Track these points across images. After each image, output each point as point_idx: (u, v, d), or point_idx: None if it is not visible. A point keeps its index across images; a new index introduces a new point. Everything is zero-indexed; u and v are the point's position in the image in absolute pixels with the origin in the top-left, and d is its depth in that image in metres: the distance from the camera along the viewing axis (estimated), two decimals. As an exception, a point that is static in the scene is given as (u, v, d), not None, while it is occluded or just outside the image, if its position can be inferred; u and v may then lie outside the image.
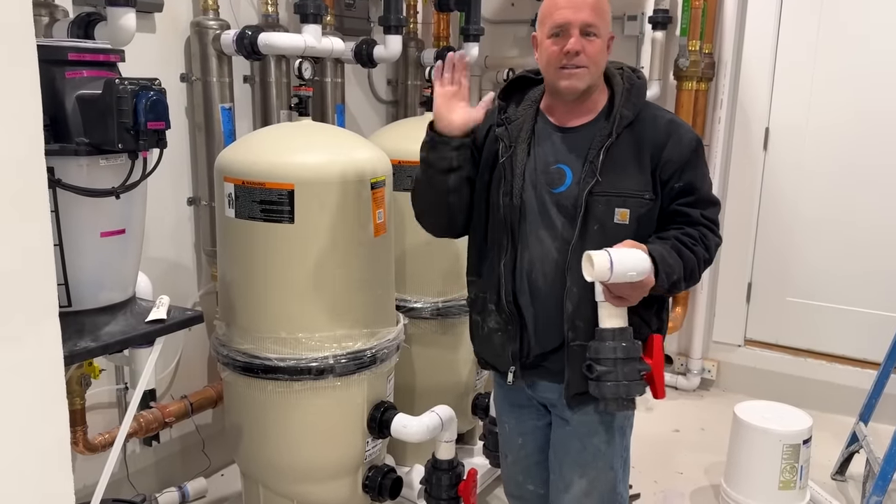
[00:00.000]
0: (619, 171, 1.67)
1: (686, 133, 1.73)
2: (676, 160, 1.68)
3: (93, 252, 1.71)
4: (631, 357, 1.61)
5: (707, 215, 1.72)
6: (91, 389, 2.11)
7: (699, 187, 1.71)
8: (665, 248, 1.64)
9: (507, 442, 2.01)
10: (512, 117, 1.80)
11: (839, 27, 3.48)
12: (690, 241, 1.68)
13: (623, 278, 1.57)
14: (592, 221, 1.67)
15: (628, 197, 1.67)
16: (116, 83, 1.60)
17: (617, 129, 1.68)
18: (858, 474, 2.93)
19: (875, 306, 3.50)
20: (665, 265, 1.61)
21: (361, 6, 3.20)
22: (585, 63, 1.66)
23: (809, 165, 3.61)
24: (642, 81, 1.78)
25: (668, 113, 1.79)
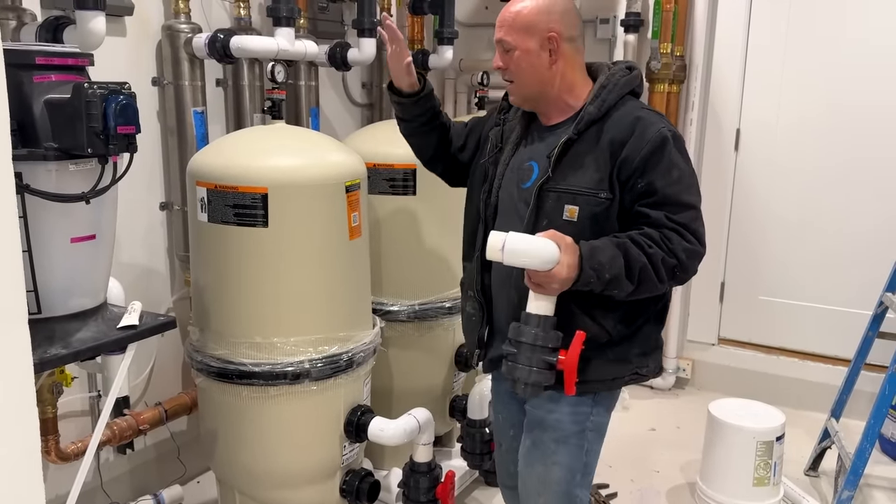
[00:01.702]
0: (575, 168, 1.67)
1: (651, 129, 1.64)
2: (635, 158, 1.62)
3: (63, 258, 1.68)
4: (544, 346, 1.61)
5: (675, 218, 1.62)
6: (63, 397, 2.08)
7: (660, 188, 1.62)
8: (604, 243, 1.60)
9: (500, 431, 2.04)
10: (510, 118, 1.88)
11: (808, 28, 3.54)
12: (646, 241, 1.60)
13: (516, 262, 1.58)
14: (543, 217, 1.69)
15: (579, 194, 1.66)
16: (85, 87, 1.58)
17: (578, 127, 1.68)
18: (831, 470, 2.98)
19: (845, 304, 3.56)
20: (593, 260, 1.57)
21: (335, 9, 3.19)
22: (510, 77, 1.75)
23: (780, 165, 3.66)
24: (627, 78, 1.74)
25: (645, 110, 1.71)
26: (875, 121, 3.44)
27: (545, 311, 1.63)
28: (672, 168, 1.64)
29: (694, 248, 1.64)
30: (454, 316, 2.70)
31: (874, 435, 2.62)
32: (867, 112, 3.45)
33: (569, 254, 1.58)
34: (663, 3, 3.47)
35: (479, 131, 1.99)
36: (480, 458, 2.63)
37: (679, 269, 1.63)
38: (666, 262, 1.61)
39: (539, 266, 1.58)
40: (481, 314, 1.87)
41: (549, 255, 1.57)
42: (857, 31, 3.43)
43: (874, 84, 3.42)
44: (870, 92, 3.43)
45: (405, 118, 2.00)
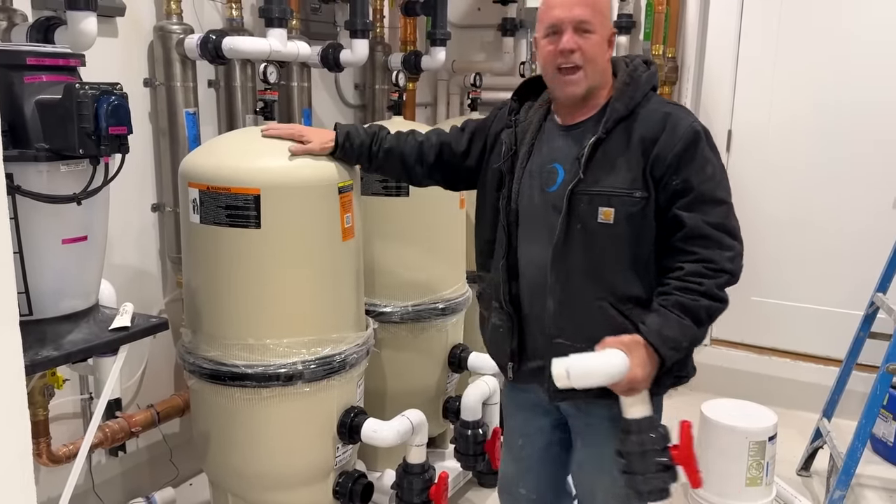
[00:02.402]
0: (608, 168, 1.62)
1: (682, 124, 1.61)
2: (668, 155, 1.58)
3: (54, 259, 1.68)
4: (653, 450, 1.57)
5: (711, 220, 1.59)
6: (55, 400, 2.07)
7: (696, 185, 1.59)
8: (664, 316, 1.57)
9: (508, 440, 2.02)
10: (521, 119, 1.80)
11: (800, 29, 3.56)
12: (695, 282, 1.57)
13: (588, 384, 1.54)
14: (575, 221, 1.64)
15: (613, 195, 1.61)
16: (77, 88, 1.57)
17: (607, 126, 1.63)
18: (823, 469, 3.00)
19: (837, 304, 3.58)
20: (666, 341, 1.56)
21: (327, 10, 3.18)
22: (580, 62, 1.63)
23: (772, 166, 3.68)
24: (648, 74, 1.69)
25: (672, 105, 1.68)
26: (866, 122, 3.46)
27: (642, 412, 1.60)
28: (706, 164, 1.61)
29: (733, 252, 1.62)
30: (447, 317, 2.70)
31: (866, 435, 2.63)
32: (858, 113, 3.47)
33: (637, 351, 1.55)
34: (655, 4, 3.48)
35: (483, 133, 1.91)
36: (474, 459, 2.63)
37: (731, 280, 1.62)
38: (719, 285, 1.59)
39: (612, 380, 1.55)
40: (510, 325, 1.79)
41: (616, 367, 1.54)
42: (849, 31, 3.45)
43: (866, 84, 3.44)
44: (861, 93, 3.46)
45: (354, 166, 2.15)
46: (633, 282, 1.65)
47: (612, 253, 1.63)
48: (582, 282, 1.66)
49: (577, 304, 1.66)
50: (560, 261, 1.66)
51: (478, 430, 2.62)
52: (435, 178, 2.04)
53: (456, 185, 2.06)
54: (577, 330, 1.67)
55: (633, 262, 1.64)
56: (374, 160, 2.06)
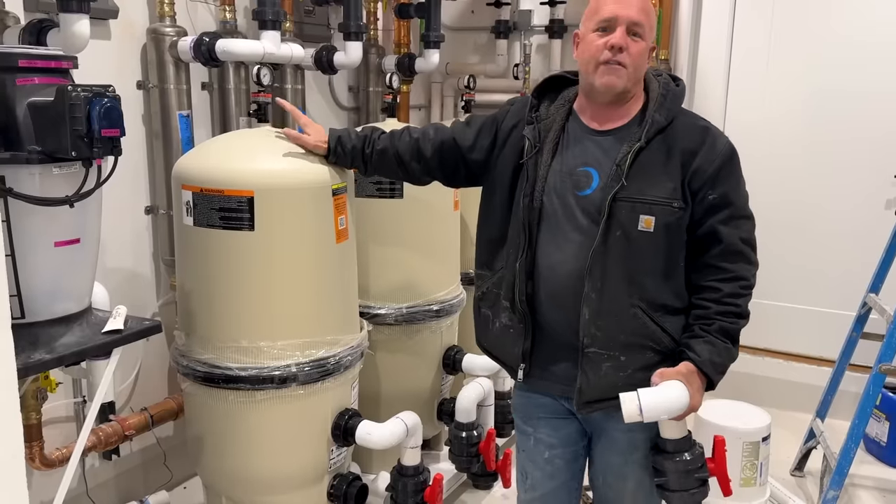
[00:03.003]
0: (647, 177, 1.63)
1: (720, 140, 1.68)
2: (708, 169, 1.63)
3: (46, 262, 1.67)
4: (691, 469, 1.65)
5: (743, 236, 1.66)
6: (48, 403, 2.07)
7: (734, 200, 1.65)
8: (710, 341, 1.63)
9: (529, 458, 1.89)
10: (542, 116, 1.78)
11: (792, 29, 3.57)
12: (732, 304, 1.64)
13: (657, 417, 1.60)
14: (616, 227, 1.63)
15: (654, 204, 1.62)
16: (69, 90, 1.57)
17: (648, 135, 1.64)
18: (817, 469, 3.00)
19: (829, 305, 3.59)
20: (717, 368, 1.63)
21: (321, 13, 3.19)
22: (626, 62, 1.63)
23: (764, 169, 3.68)
24: (680, 89, 1.73)
25: (704, 120, 1.73)
26: (858, 124, 3.48)
27: (679, 432, 1.66)
28: (741, 181, 1.69)
29: (756, 267, 1.70)
30: (441, 319, 2.70)
31: (859, 435, 2.64)
32: (850, 115, 3.49)
33: (694, 381, 1.61)
34: (648, 6, 3.49)
35: (492, 129, 1.86)
36: (468, 461, 2.63)
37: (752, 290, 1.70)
38: (748, 302, 1.68)
39: (680, 411, 1.60)
40: (523, 326, 1.75)
41: (682, 401, 1.59)
42: (841, 30, 3.47)
43: (858, 86, 3.46)
44: (853, 95, 3.47)
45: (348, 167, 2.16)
46: (665, 289, 1.67)
47: (648, 260, 1.65)
48: (618, 288, 1.65)
49: (612, 311, 1.65)
50: (598, 267, 1.64)
51: (472, 431, 2.62)
52: (434, 174, 2.00)
53: (456, 181, 2.00)
54: (611, 338, 1.66)
55: (665, 271, 1.67)
56: (369, 163, 2.05)
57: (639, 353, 1.66)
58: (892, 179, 3.43)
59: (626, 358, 1.66)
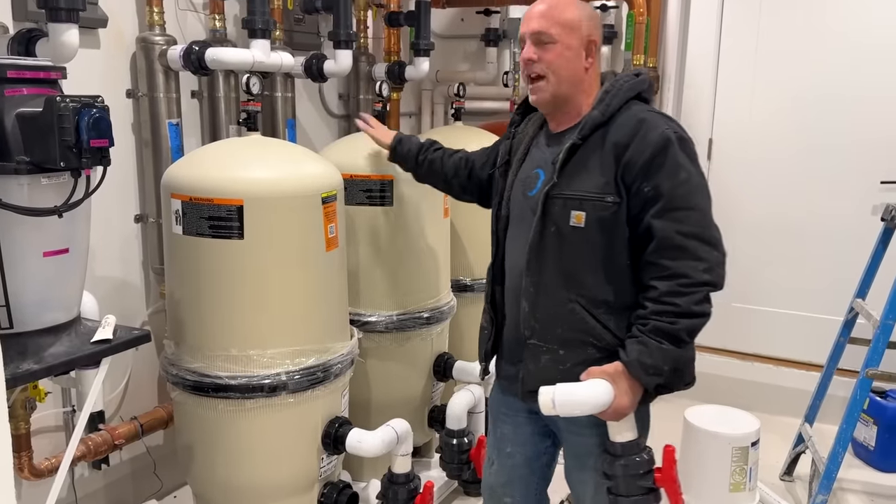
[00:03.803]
0: (581, 173, 1.65)
1: (654, 131, 1.61)
2: (639, 160, 1.59)
3: (35, 272, 1.67)
4: (636, 473, 1.62)
5: (683, 230, 1.57)
6: (36, 413, 2.05)
7: (666, 192, 1.58)
8: (642, 342, 1.58)
9: (494, 447, 1.99)
10: (521, 130, 1.88)
11: (779, 36, 3.60)
12: (669, 318, 1.56)
13: (572, 413, 1.59)
14: (550, 223, 1.68)
15: (584, 199, 1.64)
16: (57, 101, 1.57)
17: (582, 131, 1.66)
18: (806, 474, 3.02)
19: (816, 310, 3.61)
20: (646, 369, 1.57)
21: (311, 21, 3.19)
22: (542, 71, 1.69)
23: (752, 175, 3.72)
24: (630, 82, 1.70)
25: (650, 113, 1.68)
26: (845, 130, 3.51)
27: (628, 436, 1.64)
28: (679, 169, 1.60)
29: (709, 262, 1.58)
30: (432, 326, 2.71)
31: (847, 439, 2.66)
32: (837, 121, 3.52)
33: (620, 381, 1.59)
34: (636, 15, 3.52)
35: (495, 148, 2.02)
36: (459, 468, 2.64)
37: (712, 290, 1.60)
38: (696, 301, 1.58)
39: (597, 409, 1.59)
40: (491, 328, 1.88)
41: (600, 398, 1.58)
42: (829, 36, 3.50)
43: (845, 93, 3.49)
44: (840, 101, 3.50)
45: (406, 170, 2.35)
46: (606, 286, 1.67)
47: (583, 256, 1.66)
48: (554, 283, 1.69)
49: (549, 305, 1.70)
50: (533, 262, 1.70)
51: (463, 438, 2.62)
52: (470, 193, 2.16)
53: (486, 200, 2.05)
54: (549, 331, 1.71)
55: (606, 267, 1.66)
56: (419, 168, 2.26)
57: (578, 348, 1.68)
58: (879, 185, 3.46)
59: (565, 352, 1.69)
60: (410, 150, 2.27)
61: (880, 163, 3.45)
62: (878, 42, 3.41)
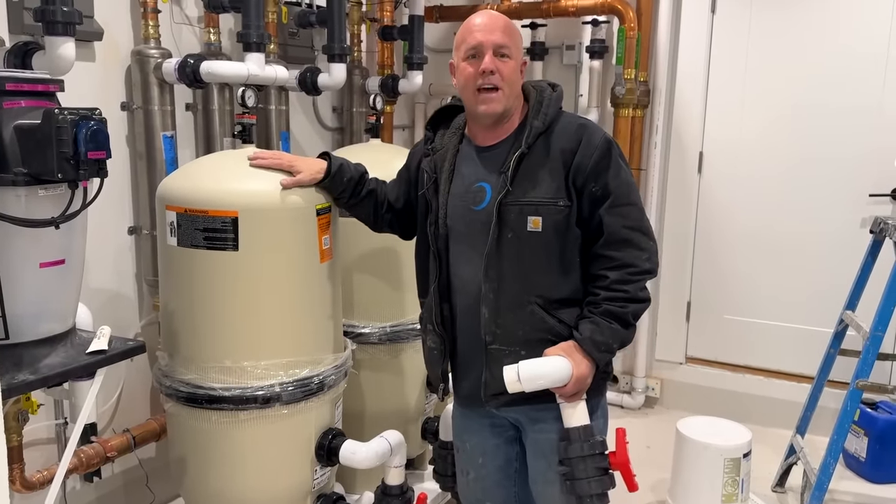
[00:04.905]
0: (532, 180, 1.73)
1: (595, 135, 1.74)
2: (587, 163, 1.71)
3: (31, 283, 1.67)
4: (592, 454, 1.70)
5: (628, 224, 1.72)
6: (29, 425, 2.05)
7: (612, 189, 1.71)
8: (594, 321, 1.70)
9: (467, 460, 2.03)
10: (437, 146, 1.90)
11: (768, 50, 3.65)
12: (620, 290, 1.70)
13: (537, 386, 1.67)
14: (506, 230, 1.74)
15: (540, 205, 1.72)
16: (56, 113, 1.58)
17: (528, 140, 1.74)
18: (797, 485, 3.04)
19: (807, 322, 3.64)
20: (597, 345, 1.70)
21: (305, 35, 3.22)
22: (499, 83, 1.73)
23: (742, 187, 3.76)
24: (556, 94, 1.82)
25: (581, 118, 1.82)
26: (834, 143, 3.55)
27: (582, 420, 1.72)
28: (620, 170, 1.74)
29: (649, 251, 1.74)
30: (425, 338, 2.71)
31: (838, 450, 2.68)
32: (827, 134, 3.56)
33: (575, 354, 1.70)
34: (627, 30, 3.56)
35: (406, 174, 2.03)
36: (453, 480, 2.62)
37: (650, 277, 1.75)
38: (641, 287, 1.73)
39: (560, 381, 1.68)
40: (443, 347, 1.90)
41: (561, 370, 1.67)
42: (817, 50, 3.54)
43: (834, 104, 3.53)
44: (829, 113, 3.54)
45: (333, 197, 2.14)
46: (561, 285, 1.76)
47: (541, 258, 1.74)
48: (513, 287, 1.76)
49: (509, 308, 1.76)
50: (492, 268, 1.75)
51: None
52: (392, 226, 2.12)
53: (409, 234, 2.10)
54: (510, 334, 1.77)
55: (560, 267, 1.75)
56: (355, 198, 2.11)
57: (538, 346, 1.74)
58: (867, 198, 3.50)
59: (526, 352, 1.74)
60: (352, 179, 2.08)
61: (868, 176, 3.49)
62: (867, 57, 3.45)
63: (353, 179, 2.09)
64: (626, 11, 3.53)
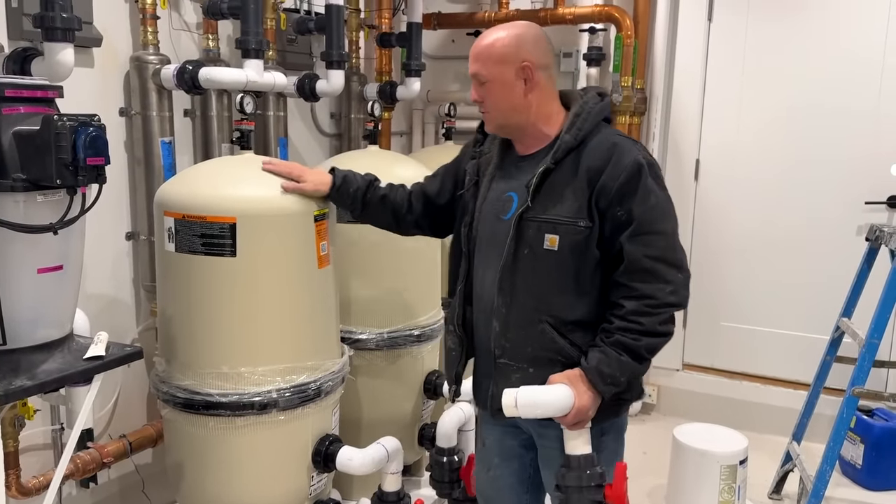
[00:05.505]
0: (554, 197, 1.69)
1: (627, 156, 1.65)
2: (613, 185, 1.63)
3: (29, 289, 1.67)
4: (589, 486, 1.66)
5: (651, 253, 1.63)
6: (25, 431, 2.05)
7: (637, 216, 1.63)
8: (603, 352, 1.63)
9: (484, 457, 2.03)
10: (485, 150, 1.90)
11: (765, 56, 3.66)
12: (635, 321, 1.62)
13: (534, 414, 1.64)
14: (523, 246, 1.71)
15: (558, 223, 1.68)
16: (55, 119, 1.58)
17: (556, 155, 1.69)
18: (794, 492, 3.03)
19: (803, 329, 3.64)
20: (603, 377, 1.62)
21: (303, 41, 3.23)
22: (485, 108, 1.79)
23: (738, 195, 3.76)
24: (599, 106, 1.75)
25: (620, 136, 1.73)
26: (830, 150, 3.55)
27: (583, 449, 1.68)
28: (649, 194, 1.65)
29: (675, 285, 1.64)
30: (423, 344, 2.71)
31: (834, 457, 2.68)
32: (823, 141, 3.56)
33: (579, 384, 1.63)
34: (624, 37, 3.58)
35: (454, 171, 2.00)
36: (449, 486, 2.63)
37: (676, 310, 1.66)
38: (661, 321, 1.63)
39: (559, 412, 1.63)
40: (461, 349, 1.89)
41: (562, 400, 1.62)
42: (814, 56, 3.55)
43: (831, 112, 3.53)
44: (826, 121, 3.55)
45: (347, 210, 2.14)
46: (576, 307, 1.70)
47: (555, 278, 1.70)
48: (525, 303, 1.73)
49: (519, 324, 1.74)
50: (506, 282, 1.74)
51: (453, 457, 2.62)
52: (422, 225, 2.08)
53: (442, 231, 2.09)
54: (519, 350, 1.75)
55: (576, 288, 1.70)
56: (367, 206, 2.08)
57: (547, 366, 1.70)
58: (863, 205, 3.51)
59: (535, 370, 1.72)
60: (359, 188, 2.07)
61: (864, 183, 3.50)
62: (863, 64, 3.46)
63: (361, 189, 2.07)
64: (623, 19, 3.55)
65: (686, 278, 1.67)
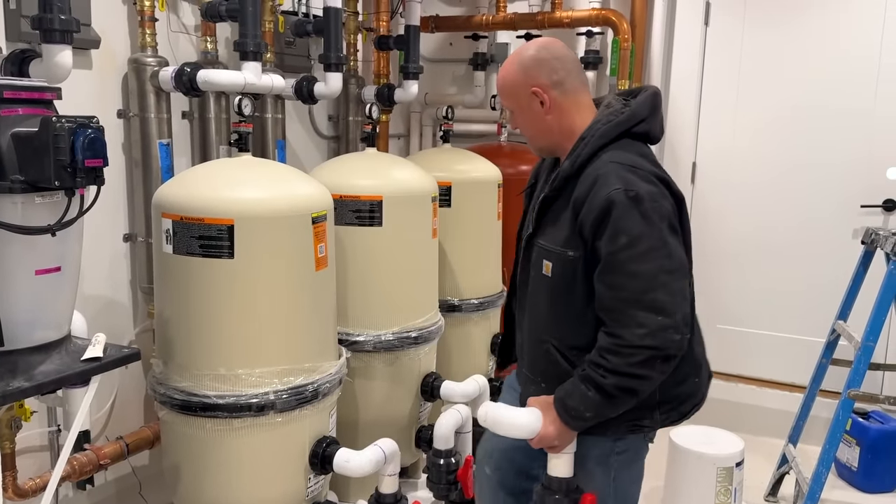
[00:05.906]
0: (552, 224, 1.72)
1: (602, 190, 1.57)
2: (589, 219, 1.59)
3: (27, 290, 1.67)
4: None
5: (621, 295, 1.54)
6: (21, 432, 2.05)
7: (603, 255, 1.57)
8: (572, 385, 1.61)
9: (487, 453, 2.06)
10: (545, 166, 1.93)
11: (761, 60, 3.67)
12: (601, 371, 1.56)
13: (499, 432, 1.68)
14: (532, 268, 1.76)
15: (552, 251, 1.69)
16: (53, 121, 1.59)
17: (553, 184, 1.70)
18: (790, 495, 3.04)
19: (799, 332, 3.65)
20: (567, 409, 1.61)
21: (301, 44, 3.23)
22: (524, 135, 1.83)
23: (735, 198, 3.78)
24: (603, 129, 1.67)
25: (613, 164, 1.62)
26: (826, 153, 3.57)
27: (564, 472, 1.69)
28: (618, 234, 1.54)
29: (648, 329, 1.52)
30: (420, 346, 2.72)
31: (829, 460, 2.69)
32: (819, 145, 3.58)
33: (549, 412, 1.64)
34: (621, 41, 3.59)
35: None
36: (447, 488, 2.63)
37: (656, 351, 1.53)
38: (630, 363, 1.54)
39: (523, 435, 1.65)
40: (510, 328, 1.97)
41: (528, 425, 1.64)
42: (810, 60, 3.57)
43: (826, 116, 3.55)
44: (822, 122, 3.56)
45: None
46: (578, 333, 1.67)
47: (549, 303, 1.73)
48: (534, 323, 1.79)
49: (531, 342, 1.80)
50: (524, 300, 1.80)
51: (450, 459, 2.62)
52: None
53: None
54: (534, 364, 1.80)
55: (571, 315, 1.68)
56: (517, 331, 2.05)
57: (557, 384, 1.68)
58: (859, 209, 3.53)
59: (546, 385, 1.73)
60: None
61: (860, 186, 3.51)
62: (858, 67, 3.48)
63: None
64: (621, 23, 3.56)
65: (672, 322, 1.54)
